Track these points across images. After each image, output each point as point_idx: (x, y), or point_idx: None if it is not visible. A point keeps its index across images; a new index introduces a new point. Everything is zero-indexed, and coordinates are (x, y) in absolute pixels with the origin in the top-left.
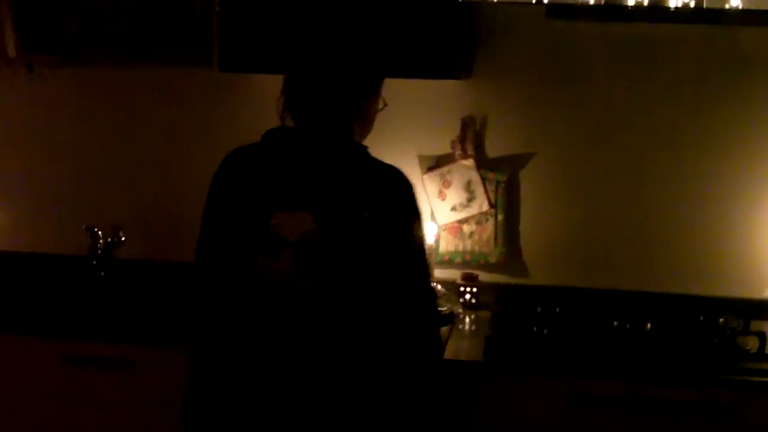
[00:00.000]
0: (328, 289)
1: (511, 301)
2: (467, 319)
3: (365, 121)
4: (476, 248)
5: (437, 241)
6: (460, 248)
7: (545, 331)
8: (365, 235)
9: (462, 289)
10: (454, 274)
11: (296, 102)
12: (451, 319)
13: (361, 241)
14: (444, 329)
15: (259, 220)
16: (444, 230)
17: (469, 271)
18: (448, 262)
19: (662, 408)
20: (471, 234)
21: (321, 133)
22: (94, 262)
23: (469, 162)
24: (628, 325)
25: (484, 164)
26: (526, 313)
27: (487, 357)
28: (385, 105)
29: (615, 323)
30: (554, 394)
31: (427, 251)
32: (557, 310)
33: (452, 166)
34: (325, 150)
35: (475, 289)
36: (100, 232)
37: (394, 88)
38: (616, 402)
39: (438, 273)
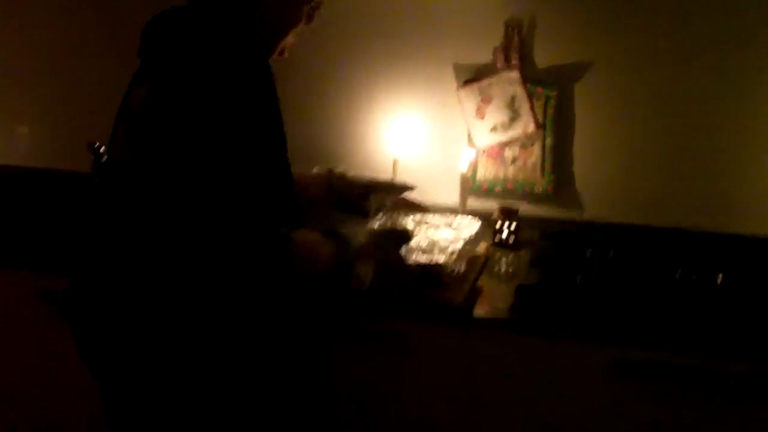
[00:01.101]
0: (141, 162)
1: (559, 239)
2: (503, 261)
3: (263, 26)
4: (520, 176)
5: (474, 167)
6: (501, 176)
7: (592, 279)
8: (181, 115)
9: (498, 225)
10: (494, 205)
11: None
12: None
13: (177, 121)
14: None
15: (127, 95)
16: (483, 154)
17: (511, 202)
18: (487, 192)
19: (733, 385)
20: (514, 159)
21: (195, 17)
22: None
23: (514, 74)
24: (694, 276)
25: (530, 76)
26: (572, 255)
27: (514, 312)
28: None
29: (678, 273)
30: (596, 363)
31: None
32: (611, 253)
33: (493, 79)
34: (183, 30)
35: (513, 226)
36: (103, 148)
37: None
38: (676, 375)
39: (475, 203)
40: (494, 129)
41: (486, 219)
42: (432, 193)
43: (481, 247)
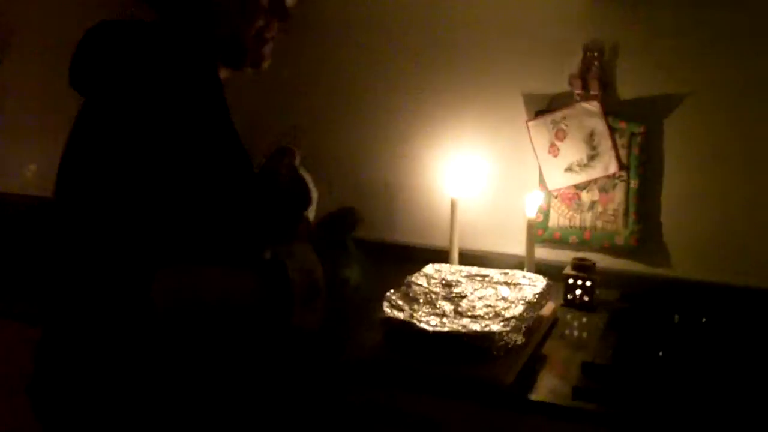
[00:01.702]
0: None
1: (642, 301)
2: (575, 324)
3: (216, 23)
4: (599, 224)
5: (546, 213)
6: (577, 223)
7: (676, 354)
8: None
9: (570, 281)
10: (567, 257)
11: None
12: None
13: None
14: None
15: None
16: (556, 197)
17: (587, 254)
18: (559, 241)
19: None
20: (593, 204)
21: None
22: None
23: (593, 105)
24: None
25: (613, 109)
26: (655, 322)
27: (577, 397)
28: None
29: None
30: None
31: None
32: (703, 320)
33: (569, 111)
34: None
35: (588, 283)
36: None
37: (494, 3)
38: None
39: (545, 254)
40: (569, 169)
41: (556, 274)
42: (494, 241)
43: (548, 308)
